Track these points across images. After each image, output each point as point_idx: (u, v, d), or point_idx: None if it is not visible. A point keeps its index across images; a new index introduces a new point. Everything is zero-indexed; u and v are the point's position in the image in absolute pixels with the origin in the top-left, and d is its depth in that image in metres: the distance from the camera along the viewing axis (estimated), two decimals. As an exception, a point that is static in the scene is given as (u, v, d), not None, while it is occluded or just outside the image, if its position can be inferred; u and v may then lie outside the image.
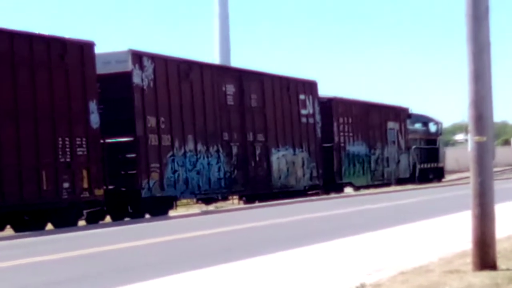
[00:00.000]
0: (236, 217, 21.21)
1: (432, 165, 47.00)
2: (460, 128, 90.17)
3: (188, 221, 20.75)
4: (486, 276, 7.32)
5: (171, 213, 24.30)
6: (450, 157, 76.64)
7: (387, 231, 13.23)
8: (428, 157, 46.60)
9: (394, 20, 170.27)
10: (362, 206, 22.23)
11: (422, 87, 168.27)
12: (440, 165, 48.53)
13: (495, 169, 8.89)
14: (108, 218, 23.31)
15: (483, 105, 7.81)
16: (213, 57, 49.46)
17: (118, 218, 22.95)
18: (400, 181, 40.40)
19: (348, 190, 37.56)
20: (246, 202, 29.71)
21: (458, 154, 77.12)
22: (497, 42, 9.70)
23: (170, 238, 14.81)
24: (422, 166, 45.15)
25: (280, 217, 19.09)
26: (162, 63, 23.84)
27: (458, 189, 32.67)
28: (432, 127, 48.68)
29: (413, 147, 43.60)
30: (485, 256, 7.72)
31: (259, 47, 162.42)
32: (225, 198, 28.64)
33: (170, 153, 23.85)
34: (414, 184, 40.03)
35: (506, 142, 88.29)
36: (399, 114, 41.40)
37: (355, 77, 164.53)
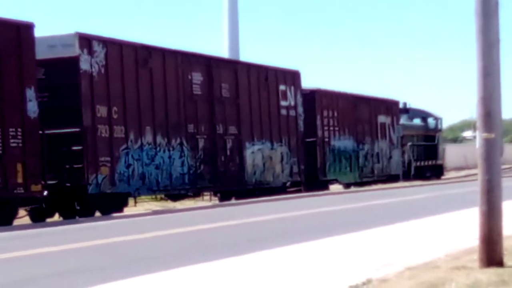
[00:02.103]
0: (195, 217, 19.39)
1: (430, 162, 44.88)
2: (468, 124, 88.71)
3: (133, 222, 18.82)
4: (493, 272, 7.32)
5: (127, 211, 22.40)
6: (458, 154, 75.62)
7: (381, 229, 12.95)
8: (426, 153, 44.47)
9: (401, 17, 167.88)
10: (338, 206, 20.52)
11: (431, 84, 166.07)
12: (439, 162, 46.41)
13: (503, 166, 8.67)
14: (58, 217, 21.54)
15: (492, 102, 7.78)
16: (222, 52, 47.65)
17: (67, 216, 21.11)
18: (393, 179, 38.30)
19: (338, 187, 35.61)
20: (221, 199, 27.76)
21: (466, 151, 76.49)
22: (507, 38, 9.58)
23: (94, 243, 12.90)
24: (418, 163, 43.03)
25: (249, 217, 17.50)
26: (116, 48, 21.89)
27: (451, 187, 30.93)
28: (431, 123, 46.54)
29: (409, 143, 41.47)
30: (492, 253, 7.74)
31: (269, 41, 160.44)
32: (196, 195, 26.75)
33: (124, 146, 21.91)
34: (408, 181, 37.99)
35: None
36: (391, 107, 39.20)
37: (363, 74, 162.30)
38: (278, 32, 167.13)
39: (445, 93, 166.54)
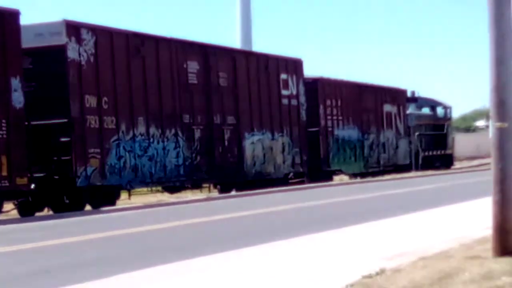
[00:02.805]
0: (185, 211, 18.82)
1: (439, 152, 44.00)
2: (481, 114, 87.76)
3: (120, 216, 18.19)
4: (506, 262, 7.27)
5: (120, 204, 21.75)
6: (471, 143, 75.39)
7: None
8: (434, 143, 43.57)
9: (414, 6, 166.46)
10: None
11: (444, 73, 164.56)
12: (448, 151, 45.51)
13: None
14: (47, 211, 20.91)
15: (505, 91, 7.75)
16: (235, 43, 46.97)
17: (57, 210, 20.48)
18: (400, 169, 37.50)
19: (344, 178, 34.85)
20: (221, 191, 27.07)
21: (479, 140, 76.36)
22: None
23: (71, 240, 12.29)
24: (427, 153, 42.18)
25: (250, 209, 16.96)
26: (106, 36, 21.20)
27: (460, 177, 30.18)
28: (440, 112, 45.63)
29: (417, 133, 40.58)
30: (505, 242, 7.72)
31: (279, 32, 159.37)
32: (195, 187, 26.01)
33: (115, 137, 21.25)
34: (416, 172, 37.20)
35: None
36: (397, 96, 38.32)
37: (374, 64, 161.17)
38: (289, 23, 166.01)
39: (457, 82, 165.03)
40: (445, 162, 44.17)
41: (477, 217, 11.70)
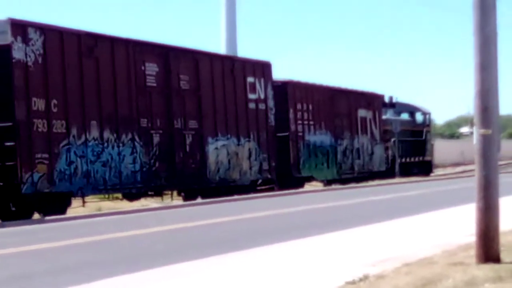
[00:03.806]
0: (137, 220, 17.92)
1: (417, 158, 43.14)
2: (465, 120, 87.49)
3: (65, 226, 17.23)
4: (489, 269, 7.34)
5: (72, 212, 20.76)
6: (455, 150, 75.56)
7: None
8: (413, 149, 42.70)
9: (402, 14, 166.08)
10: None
11: (428, 79, 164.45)
12: (427, 158, 44.66)
13: (500, 162, 8.54)
14: None
15: (489, 97, 7.77)
16: (219, 47, 45.99)
17: (4, 218, 19.48)
18: (375, 175, 36.58)
19: (318, 185, 33.90)
20: (186, 199, 26.07)
21: (464, 147, 76.53)
22: (504, 33, 9.17)
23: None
24: (405, 159, 41.29)
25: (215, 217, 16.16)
26: (56, 36, 20.21)
27: (436, 185, 29.36)
28: (419, 117, 44.81)
29: (393, 138, 39.68)
30: (489, 249, 7.79)
31: (267, 37, 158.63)
32: (157, 194, 24.95)
33: (65, 142, 20.25)
34: (392, 179, 36.29)
35: (511, 136, 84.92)
36: (373, 101, 37.34)
37: (361, 71, 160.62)
38: (274, 27, 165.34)
39: (442, 88, 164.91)
40: (423, 169, 43.29)
41: (459, 223, 11.71)
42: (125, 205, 23.20)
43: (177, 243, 11.92)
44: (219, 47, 42.88)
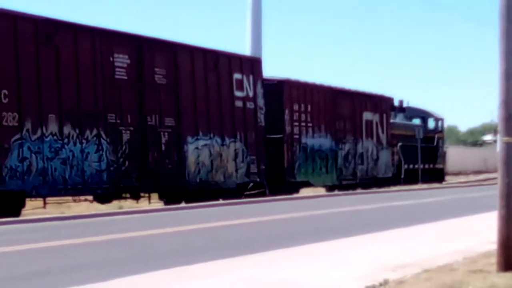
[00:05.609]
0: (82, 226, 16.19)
1: (428, 165, 40.99)
2: (489, 128, 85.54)
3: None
4: (510, 277, 7.29)
5: (28, 214, 19.10)
6: (478, 157, 75.03)
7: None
8: (423, 156, 40.55)
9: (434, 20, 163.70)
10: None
11: (452, 87, 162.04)
12: (439, 166, 42.51)
13: None
14: None
15: None
16: (245, 50, 44.53)
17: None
18: (380, 182, 34.56)
19: (320, 191, 31.99)
20: (167, 203, 24.30)
21: (486, 155, 76.11)
22: None
23: None
24: (412, 166, 39.12)
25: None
26: (7, 20, 18.58)
27: (444, 193, 27.42)
28: (431, 123, 42.72)
29: (400, 143, 37.62)
30: (510, 257, 7.77)
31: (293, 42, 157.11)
32: (134, 197, 23.18)
33: (17, 136, 18.59)
34: (398, 186, 34.28)
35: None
36: (380, 104, 35.19)
37: (380, 74, 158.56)
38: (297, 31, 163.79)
39: (466, 96, 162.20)
40: (434, 176, 41.11)
41: (481, 231, 11.61)
42: (91, 208, 21.49)
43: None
44: (244, 49, 41.42)
